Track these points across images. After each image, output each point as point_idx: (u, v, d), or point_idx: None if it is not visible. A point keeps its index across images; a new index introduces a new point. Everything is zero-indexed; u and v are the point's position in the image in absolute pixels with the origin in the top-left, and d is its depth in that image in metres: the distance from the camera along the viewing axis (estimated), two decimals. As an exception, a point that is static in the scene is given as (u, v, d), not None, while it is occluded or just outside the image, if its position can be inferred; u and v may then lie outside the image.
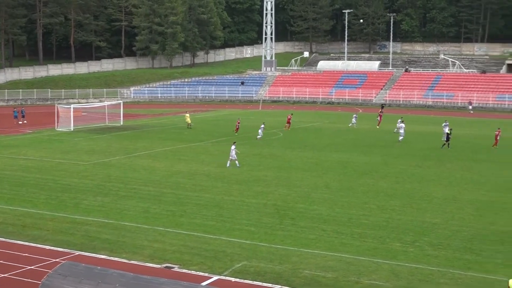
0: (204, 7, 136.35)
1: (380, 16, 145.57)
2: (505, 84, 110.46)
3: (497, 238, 28.65)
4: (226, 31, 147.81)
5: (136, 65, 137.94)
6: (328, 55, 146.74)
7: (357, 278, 23.30)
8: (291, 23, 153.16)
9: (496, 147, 57.68)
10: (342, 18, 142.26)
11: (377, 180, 42.19)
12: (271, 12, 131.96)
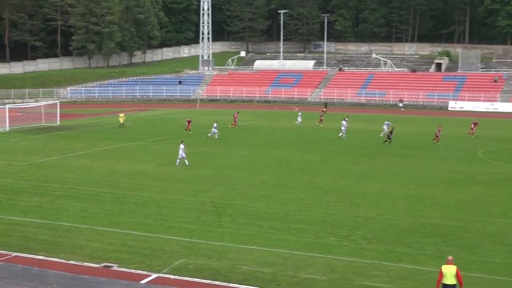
0: (141, 7, 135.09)
1: (314, 16, 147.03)
2: (434, 83, 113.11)
3: (427, 230, 29.32)
4: (163, 31, 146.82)
5: (72, 64, 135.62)
6: (264, 55, 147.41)
7: (294, 272, 23.50)
8: (228, 23, 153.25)
9: (438, 143, 58.77)
10: (277, 18, 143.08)
11: (313, 176, 42.61)
12: (207, 12, 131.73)
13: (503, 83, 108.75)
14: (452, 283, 19.60)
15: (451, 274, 19.69)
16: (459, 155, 52.47)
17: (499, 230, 29.45)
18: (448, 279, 19.66)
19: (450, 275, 19.68)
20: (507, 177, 42.78)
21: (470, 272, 23.49)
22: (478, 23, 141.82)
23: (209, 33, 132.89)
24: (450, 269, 19.79)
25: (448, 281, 19.65)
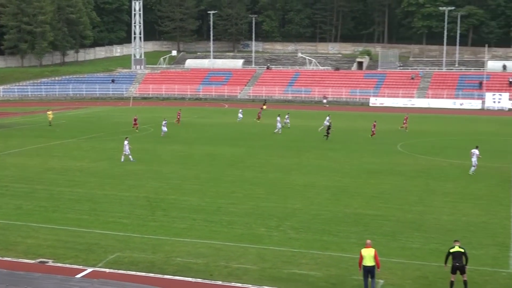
0: (73, 7, 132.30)
1: (242, 17, 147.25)
2: (356, 80, 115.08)
3: (352, 219, 29.85)
4: (95, 31, 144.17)
5: (4, 64, 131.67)
6: (195, 54, 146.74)
7: (226, 262, 23.53)
8: (159, 23, 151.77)
9: (371, 137, 59.54)
10: (207, 19, 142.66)
11: (243, 170, 42.75)
12: (139, 12, 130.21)
13: (419, 80, 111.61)
14: (371, 264, 20.40)
15: (370, 256, 20.45)
16: (380, 148, 53.58)
17: (416, 218, 30.24)
18: (367, 261, 20.44)
19: (369, 257, 20.45)
20: (423, 168, 43.95)
21: (391, 258, 24.06)
22: (396, 24, 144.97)
23: (140, 33, 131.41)
24: (369, 251, 20.54)
25: (367, 263, 20.41)
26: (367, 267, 20.44)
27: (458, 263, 20.51)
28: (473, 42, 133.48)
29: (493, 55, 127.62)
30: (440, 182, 39.02)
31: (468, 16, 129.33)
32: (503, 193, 35.87)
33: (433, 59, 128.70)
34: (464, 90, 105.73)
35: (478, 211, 31.60)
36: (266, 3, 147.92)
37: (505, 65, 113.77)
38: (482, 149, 52.55)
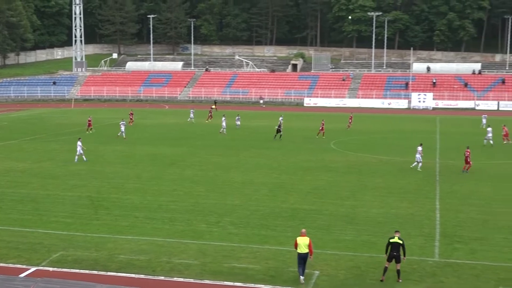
0: (13, 10, 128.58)
1: (181, 21, 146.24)
2: (291, 81, 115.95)
3: (288, 214, 30.08)
4: (36, 34, 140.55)
5: None
6: (136, 57, 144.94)
7: (168, 258, 23.35)
8: (100, 27, 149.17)
9: (323, 136, 59.64)
10: (147, 23, 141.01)
11: (184, 169, 42.51)
12: (79, 16, 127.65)
13: (350, 81, 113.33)
14: (305, 251, 20.97)
15: (305, 244, 21.02)
16: (314, 146, 54.15)
17: (349, 212, 30.72)
18: (302, 249, 21.01)
19: (304, 245, 21.03)
20: (354, 165, 44.68)
21: (326, 250, 24.37)
22: (328, 28, 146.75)
23: (81, 36, 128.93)
24: (304, 240, 21.12)
25: (301, 250, 20.99)
26: (301, 254, 21.04)
27: (396, 253, 21.02)
28: (400, 45, 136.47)
29: (418, 57, 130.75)
30: (370, 177, 39.73)
31: (394, 21, 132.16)
32: (428, 187, 36.80)
33: (362, 61, 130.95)
34: (391, 90, 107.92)
35: (406, 204, 32.33)
36: (204, 8, 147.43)
37: (429, 67, 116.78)
38: (408, 146, 53.82)
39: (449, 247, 25.08)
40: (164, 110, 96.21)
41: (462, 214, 30.29)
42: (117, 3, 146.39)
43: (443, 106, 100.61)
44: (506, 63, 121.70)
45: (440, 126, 72.36)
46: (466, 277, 21.68)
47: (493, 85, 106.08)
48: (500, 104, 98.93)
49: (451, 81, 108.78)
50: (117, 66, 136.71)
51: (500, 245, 25.46)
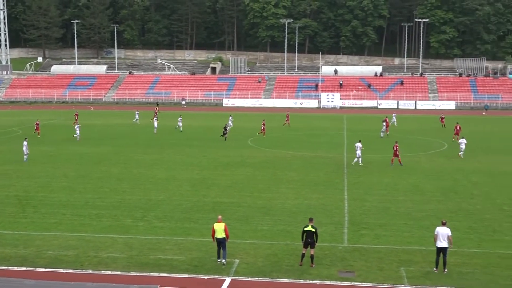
0: None
1: (105, 26, 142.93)
2: (210, 83, 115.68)
3: (210, 207, 30.04)
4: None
5: None
6: (61, 60, 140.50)
7: (95, 253, 22.84)
8: (24, 31, 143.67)
9: (264, 136, 59.37)
10: (71, 28, 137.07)
11: (109, 167, 41.65)
12: (4, 20, 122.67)
13: (265, 83, 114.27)
14: (222, 236, 21.59)
15: (221, 229, 21.68)
16: (233, 143, 54.26)
17: (266, 203, 31.00)
18: (219, 234, 21.66)
19: (220, 231, 21.65)
20: (270, 160, 45.11)
21: (245, 239, 24.50)
22: (244, 34, 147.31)
23: (6, 40, 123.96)
24: (220, 225, 21.76)
25: (218, 235, 21.63)
26: (219, 239, 21.63)
27: (310, 240, 21.43)
28: (310, 50, 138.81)
29: (326, 61, 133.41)
30: (285, 171, 40.23)
31: (304, 28, 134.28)
32: (338, 179, 37.65)
33: (276, 64, 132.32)
34: (303, 91, 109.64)
35: (318, 195, 32.95)
36: (127, 14, 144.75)
37: (336, 69, 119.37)
38: (319, 142, 54.91)
39: (356, 234, 25.75)
40: (89, 112, 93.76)
41: (367, 203, 31.18)
42: (41, 8, 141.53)
43: (349, 105, 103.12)
44: (404, 66, 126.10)
45: (347, 124, 74.15)
46: (372, 260, 22.33)
47: (393, 86, 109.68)
48: (400, 103, 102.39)
49: (356, 82, 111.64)
50: (43, 69, 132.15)
51: (401, 230, 26.38)
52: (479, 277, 20.70)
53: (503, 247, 24.01)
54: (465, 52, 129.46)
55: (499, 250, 23.57)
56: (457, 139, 51.18)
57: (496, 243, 24.45)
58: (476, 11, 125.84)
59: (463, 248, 23.76)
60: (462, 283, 20.19)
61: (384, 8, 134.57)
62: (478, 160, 45.42)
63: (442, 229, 21.22)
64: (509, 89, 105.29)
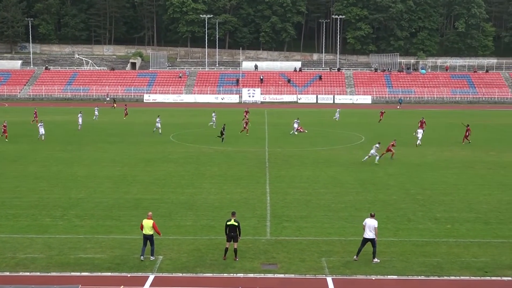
0: None
1: (18, 20, 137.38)
2: (130, 79, 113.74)
3: (132, 204, 29.57)
4: None
5: None
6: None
7: (13, 254, 22.01)
8: None
9: (247, 134, 57.80)
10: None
11: (26, 165, 40.17)
12: None
13: (186, 78, 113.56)
14: (150, 233, 21.64)
15: (149, 226, 21.67)
16: (154, 139, 53.62)
17: (188, 199, 30.86)
18: (146, 230, 21.63)
19: (148, 227, 21.66)
20: (192, 155, 44.92)
21: (169, 236, 24.30)
22: (164, 29, 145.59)
23: None
24: (148, 222, 21.70)
25: (146, 232, 21.67)
26: (145, 235, 21.61)
27: (233, 233, 21.56)
28: (230, 45, 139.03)
29: (246, 56, 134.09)
30: (207, 166, 40.18)
31: (224, 23, 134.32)
32: (260, 173, 37.97)
33: (197, 60, 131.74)
34: (224, 86, 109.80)
35: (240, 190, 33.12)
36: (42, 8, 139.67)
37: (257, 65, 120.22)
38: (241, 137, 55.05)
39: (279, 226, 26.09)
40: (3, 108, 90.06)
41: (289, 196, 31.63)
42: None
43: (270, 100, 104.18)
44: (322, 61, 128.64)
45: (268, 118, 74.87)
46: (294, 252, 22.69)
47: (312, 80, 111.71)
48: (319, 97, 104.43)
49: (276, 77, 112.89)
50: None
51: (321, 221, 26.95)
52: (396, 265, 21.47)
53: (417, 235, 25.01)
54: (380, 48, 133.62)
55: (413, 238, 24.53)
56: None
57: (411, 231, 25.44)
58: (389, 8, 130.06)
59: (380, 237, 24.52)
60: (380, 271, 20.88)
61: (302, 5, 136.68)
62: (394, 152, 46.97)
63: (370, 220, 21.90)
64: (421, 84, 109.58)
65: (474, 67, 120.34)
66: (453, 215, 28.07)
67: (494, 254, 22.67)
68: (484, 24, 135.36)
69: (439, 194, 32.41)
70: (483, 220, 27.28)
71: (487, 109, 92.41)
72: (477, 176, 37.38)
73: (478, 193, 32.58)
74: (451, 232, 25.41)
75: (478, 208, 29.23)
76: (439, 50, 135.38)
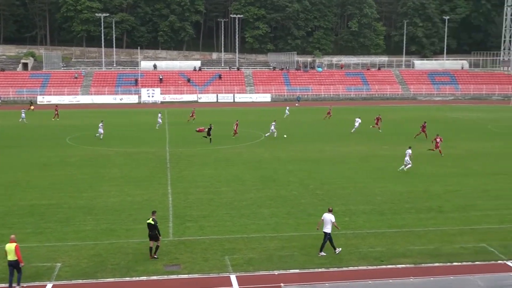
0: None
1: None
2: (22, 80, 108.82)
3: (27, 211, 28.36)
4: None
5: None
6: None
7: None
8: None
9: (233, 137, 55.73)
10: None
11: None
12: None
13: (82, 79, 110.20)
14: (13, 259, 19.18)
15: (11, 250, 19.27)
16: (50, 143, 51.62)
17: (87, 203, 30.01)
18: (10, 255, 19.29)
19: (11, 252, 19.29)
20: (91, 158, 43.70)
21: (67, 242, 23.55)
22: (57, 28, 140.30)
23: None
24: (11, 246, 19.34)
25: (10, 257, 19.27)
26: (10, 261, 19.21)
27: (151, 232, 21.80)
28: (128, 45, 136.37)
29: (145, 56, 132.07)
30: (107, 169, 39.25)
31: (121, 22, 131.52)
32: (161, 174, 37.56)
33: (93, 60, 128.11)
34: (123, 86, 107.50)
35: (141, 191, 32.62)
36: None
37: (156, 64, 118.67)
38: (141, 137, 54.26)
39: (181, 227, 25.94)
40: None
41: (191, 196, 31.53)
42: None
43: (170, 100, 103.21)
44: (221, 60, 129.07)
45: (169, 118, 74.15)
46: (197, 252, 22.65)
47: (212, 80, 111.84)
48: (219, 96, 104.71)
49: (175, 77, 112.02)
50: None
51: (224, 219, 27.08)
52: (298, 259, 21.96)
53: (317, 228, 25.71)
54: (278, 47, 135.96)
55: (314, 232, 25.17)
56: (378, 128, 57.88)
57: (311, 225, 26.08)
58: (286, 8, 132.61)
59: (282, 233, 25.03)
60: (282, 265, 21.27)
61: (201, 4, 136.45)
62: (293, 149, 48.01)
63: (327, 215, 22.54)
64: (318, 82, 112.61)
65: (367, 65, 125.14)
66: (350, 207, 29.11)
67: (389, 243, 23.73)
68: (375, 23, 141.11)
69: (337, 188, 33.48)
70: (378, 212, 28.49)
71: (380, 105, 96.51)
72: (372, 170, 38.96)
73: (373, 186, 33.98)
74: (349, 224, 26.32)
75: (374, 200, 30.48)
76: (334, 48, 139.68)
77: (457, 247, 23.29)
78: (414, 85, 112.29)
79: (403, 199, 30.99)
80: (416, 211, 28.63)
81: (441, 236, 24.63)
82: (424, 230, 25.46)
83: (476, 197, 31.47)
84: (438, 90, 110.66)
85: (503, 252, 22.64)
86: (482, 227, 25.98)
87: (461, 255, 22.34)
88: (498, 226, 26.06)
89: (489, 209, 28.92)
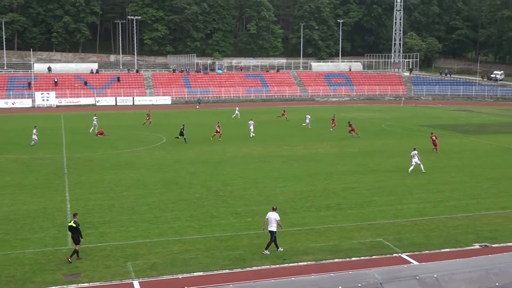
0: None
1: None
2: None
3: None
4: None
5: None
6: None
7: None
8: None
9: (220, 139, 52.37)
10: None
11: None
12: None
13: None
14: None
15: None
16: None
17: (-21, 213, 28.46)
18: None
19: None
20: (-18, 165, 41.52)
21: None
22: None
23: None
24: None
25: None
26: None
27: (74, 235, 21.69)
28: (19, 46, 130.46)
29: (38, 58, 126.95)
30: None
31: (12, 23, 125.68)
32: (58, 180, 36.26)
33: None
34: (15, 90, 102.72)
35: (37, 199, 31.34)
36: None
37: (50, 67, 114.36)
38: (36, 143, 52.10)
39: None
40: None
41: (91, 202, 30.67)
42: None
43: (66, 103, 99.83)
44: (120, 63, 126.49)
45: (65, 122, 71.73)
46: (98, 259, 22.05)
47: (110, 82, 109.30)
48: (118, 99, 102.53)
49: (72, 80, 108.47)
50: None
51: (126, 225, 26.55)
52: (202, 261, 21.92)
53: (221, 230, 25.79)
54: (177, 49, 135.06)
55: (217, 233, 25.25)
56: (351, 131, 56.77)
57: (214, 227, 26.14)
58: (185, 10, 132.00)
59: (185, 236, 24.90)
60: (186, 269, 21.16)
61: (96, 5, 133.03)
62: (194, 151, 47.89)
63: (272, 214, 22.83)
64: (218, 83, 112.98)
65: (266, 67, 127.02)
66: (252, 208, 29.43)
67: (291, 241, 24.21)
68: (273, 26, 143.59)
69: (239, 189, 33.75)
70: (280, 211, 28.93)
71: (279, 106, 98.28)
72: (273, 170, 39.61)
73: (274, 186, 34.56)
74: (251, 224, 26.61)
75: (275, 200, 30.97)
76: (233, 51, 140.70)
77: (356, 242, 24.16)
78: (312, 86, 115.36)
79: (304, 198, 31.73)
80: (316, 209, 29.41)
81: (340, 233, 25.45)
82: (324, 228, 26.20)
83: (372, 193, 32.79)
84: (334, 91, 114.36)
85: (398, 245, 23.74)
86: (378, 222, 27.11)
87: (359, 250, 23.20)
88: (392, 221, 27.29)
89: (384, 205, 30.23)
